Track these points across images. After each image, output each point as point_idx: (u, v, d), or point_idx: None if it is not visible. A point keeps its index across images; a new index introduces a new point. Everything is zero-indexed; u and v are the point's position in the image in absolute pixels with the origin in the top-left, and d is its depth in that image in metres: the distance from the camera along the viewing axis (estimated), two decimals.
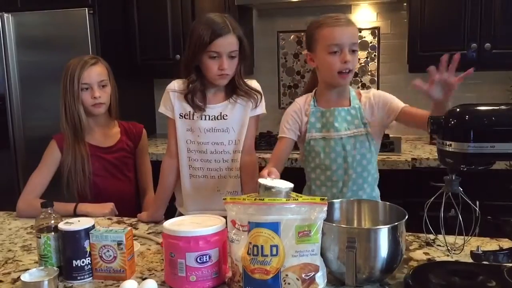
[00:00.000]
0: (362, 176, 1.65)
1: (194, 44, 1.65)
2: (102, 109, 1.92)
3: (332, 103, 1.66)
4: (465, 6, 2.70)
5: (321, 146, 1.65)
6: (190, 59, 1.68)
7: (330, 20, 1.60)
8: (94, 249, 1.26)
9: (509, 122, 1.04)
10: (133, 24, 3.19)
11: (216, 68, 1.65)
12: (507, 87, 2.90)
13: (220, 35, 1.62)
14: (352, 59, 1.58)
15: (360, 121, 1.63)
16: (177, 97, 1.74)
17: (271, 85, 3.38)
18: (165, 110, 1.77)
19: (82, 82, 1.85)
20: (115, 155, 1.98)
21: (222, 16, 1.69)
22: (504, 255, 1.07)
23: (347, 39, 1.57)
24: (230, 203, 1.19)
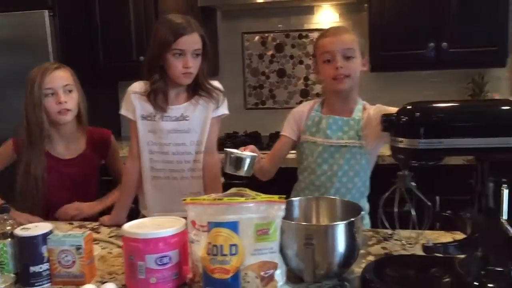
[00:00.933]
0: (346, 187, 1.66)
1: (158, 44, 1.66)
2: (69, 117, 1.81)
3: (335, 111, 1.71)
4: (423, 7, 2.78)
5: (310, 150, 1.69)
6: (154, 59, 1.68)
7: (326, 31, 1.70)
8: (52, 254, 1.24)
9: (457, 118, 1.08)
10: (96, 27, 3.15)
11: (180, 66, 1.66)
12: (464, 84, 2.99)
13: (184, 34, 1.64)
14: (346, 65, 1.61)
15: (356, 133, 1.66)
16: (139, 98, 1.73)
17: (236, 86, 3.39)
18: (126, 112, 1.76)
19: (45, 87, 1.76)
20: (75, 169, 1.90)
21: (184, 16, 1.71)
22: (454, 247, 1.11)
23: (338, 46, 1.62)
24: (190, 204, 1.19)
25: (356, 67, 1.65)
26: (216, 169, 1.78)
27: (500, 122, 1.07)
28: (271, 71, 3.34)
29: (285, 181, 1.77)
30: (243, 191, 1.27)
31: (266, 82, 3.37)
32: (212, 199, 1.18)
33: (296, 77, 3.32)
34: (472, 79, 2.98)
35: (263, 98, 3.39)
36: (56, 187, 1.86)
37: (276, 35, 3.30)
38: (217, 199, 1.17)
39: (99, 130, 2.00)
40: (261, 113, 3.38)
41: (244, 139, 3.05)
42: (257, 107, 3.39)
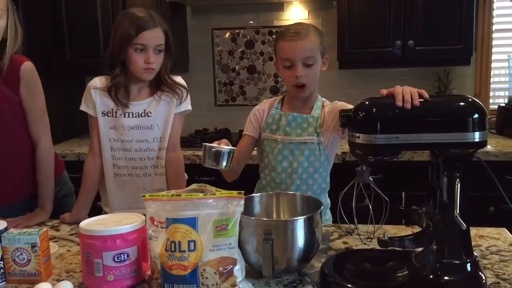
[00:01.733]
0: (307, 183, 1.67)
1: (120, 37, 1.63)
2: None
3: (295, 109, 1.70)
4: (389, 5, 2.81)
5: (270, 147, 1.69)
6: (115, 53, 1.65)
7: (286, 33, 1.61)
8: (6, 252, 1.21)
9: (412, 114, 1.09)
10: (62, 21, 3.08)
11: (141, 62, 1.63)
12: (430, 82, 3.04)
13: (146, 28, 1.62)
14: (306, 73, 1.59)
15: (314, 130, 1.65)
16: (99, 93, 1.71)
17: (207, 82, 3.37)
18: (87, 108, 1.73)
19: None
20: None
21: (147, 10, 1.69)
22: (409, 240, 1.12)
23: (298, 54, 1.58)
24: (149, 200, 1.18)
25: (316, 73, 1.63)
26: (180, 165, 1.77)
27: (455, 118, 1.09)
28: (241, 67, 3.34)
29: (249, 178, 1.78)
30: (203, 187, 1.26)
31: (236, 79, 3.36)
32: (170, 195, 1.16)
33: (267, 74, 3.32)
34: (438, 77, 3.03)
35: (234, 95, 3.38)
36: None
37: (246, 32, 3.29)
38: (175, 195, 1.16)
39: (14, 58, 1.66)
40: (231, 109, 3.37)
41: (214, 136, 3.04)
42: (228, 104, 3.39)
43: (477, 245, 1.37)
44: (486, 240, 1.41)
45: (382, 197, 1.18)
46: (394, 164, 2.58)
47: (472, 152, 1.10)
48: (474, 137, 1.06)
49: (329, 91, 1.76)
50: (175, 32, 3.10)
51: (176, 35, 3.13)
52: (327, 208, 1.75)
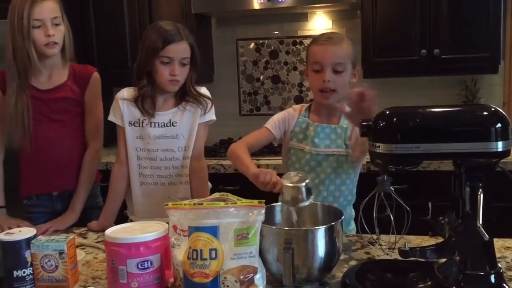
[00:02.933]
0: (334, 195, 1.66)
1: (147, 50, 1.67)
2: (56, 50, 1.77)
3: (322, 118, 1.69)
4: (414, 13, 2.80)
5: (297, 157, 1.69)
6: (142, 65, 1.70)
7: (320, 37, 1.64)
8: (35, 259, 1.25)
9: (432, 123, 1.09)
10: (91, 34, 3.18)
11: (167, 74, 1.67)
12: (457, 91, 3.00)
13: (172, 41, 1.66)
14: (334, 79, 1.58)
15: (343, 142, 1.64)
16: (127, 104, 1.75)
17: (231, 92, 3.41)
18: (115, 118, 1.78)
19: (33, 18, 1.70)
20: (54, 98, 1.83)
21: (174, 24, 1.73)
22: (430, 251, 1.11)
23: (328, 59, 1.58)
24: (172, 209, 1.21)
25: (345, 81, 1.62)
26: (204, 174, 1.79)
27: (477, 127, 1.08)
28: (265, 77, 3.36)
29: None
30: (225, 195, 1.28)
31: (260, 89, 3.38)
32: (192, 204, 1.19)
33: (291, 84, 3.33)
34: (465, 86, 2.99)
35: (258, 104, 3.40)
36: (38, 120, 1.82)
37: (270, 42, 3.32)
38: (197, 203, 1.18)
39: (84, 65, 1.93)
40: (255, 119, 3.38)
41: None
42: (252, 114, 3.41)
43: (503, 257, 1.34)
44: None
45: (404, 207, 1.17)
46: (420, 174, 2.55)
47: (495, 162, 1.09)
48: (497, 147, 1.05)
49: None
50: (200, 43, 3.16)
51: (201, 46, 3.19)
52: (351, 219, 1.74)
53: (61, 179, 1.90)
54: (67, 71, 1.87)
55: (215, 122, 1.85)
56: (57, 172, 1.89)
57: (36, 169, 1.89)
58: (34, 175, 1.91)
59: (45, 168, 1.88)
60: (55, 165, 1.88)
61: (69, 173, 1.90)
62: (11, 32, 1.73)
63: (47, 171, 1.88)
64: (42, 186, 1.91)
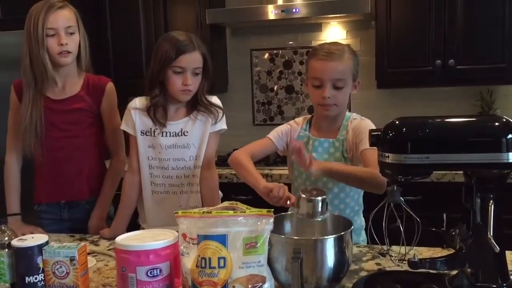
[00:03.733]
0: (339, 208, 1.65)
1: (160, 59, 1.69)
2: (69, 59, 1.79)
3: (322, 131, 1.70)
4: (429, 24, 2.78)
5: (299, 171, 1.69)
6: (155, 74, 1.71)
7: (320, 51, 1.60)
8: (47, 265, 1.27)
9: (442, 134, 1.08)
10: (107, 44, 3.23)
11: (180, 83, 1.69)
12: (473, 101, 2.97)
13: (185, 51, 1.67)
14: (334, 95, 1.57)
15: (342, 155, 1.64)
16: (139, 113, 1.77)
17: (245, 102, 3.42)
18: (127, 127, 1.80)
19: (47, 27, 1.73)
20: (67, 109, 1.85)
21: (187, 34, 1.74)
22: (440, 262, 1.10)
23: (328, 75, 1.56)
24: (182, 217, 1.21)
25: (345, 96, 1.61)
26: (214, 183, 1.80)
27: (487, 138, 1.07)
28: (279, 87, 3.37)
29: None
30: (234, 204, 1.29)
31: (274, 99, 3.39)
32: (202, 212, 1.19)
33: (304, 94, 3.33)
34: (480, 96, 2.96)
35: (271, 114, 3.41)
36: (50, 129, 1.85)
37: (284, 52, 3.33)
38: (206, 212, 1.19)
39: (98, 76, 1.94)
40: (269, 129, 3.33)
41: None
42: (266, 123, 3.42)
43: None
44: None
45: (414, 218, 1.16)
46: (434, 185, 2.53)
47: (507, 174, 1.08)
48: (509, 158, 1.04)
49: (367, 111, 1.74)
50: (215, 53, 3.21)
51: (216, 56, 3.25)
52: (362, 229, 1.73)
53: (69, 189, 1.92)
54: (81, 82, 1.90)
55: (228, 132, 1.86)
56: (66, 182, 1.91)
57: (47, 177, 1.92)
58: (44, 183, 1.94)
59: (54, 177, 1.91)
60: (64, 176, 1.90)
61: (77, 184, 1.92)
62: (27, 40, 1.76)
63: (56, 181, 1.91)
64: (51, 194, 1.93)
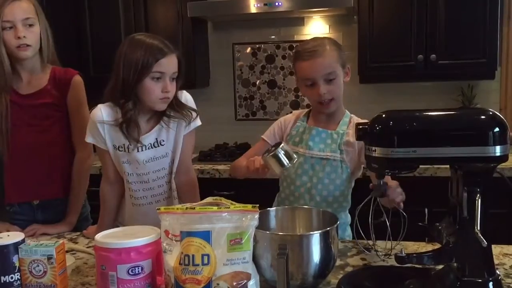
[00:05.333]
0: (326, 200, 1.64)
1: (135, 67, 1.50)
2: (29, 52, 1.71)
3: (321, 124, 1.68)
4: (411, 19, 2.79)
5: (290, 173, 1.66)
6: (130, 84, 1.52)
7: (303, 52, 1.59)
8: (23, 264, 1.22)
9: (429, 127, 1.07)
10: (86, 38, 3.16)
11: (159, 91, 1.53)
12: (454, 96, 2.99)
13: (164, 55, 1.53)
14: (329, 89, 1.58)
15: (337, 147, 1.63)
16: (107, 128, 1.59)
17: (227, 96, 3.39)
18: (95, 141, 1.63)
19: (3, 19, 1.65)
20: (34, 104, 1.77)
21: (156, 36, 1.59)
22: (427, 257, 1.09)
23: (318, 72, 1.56)
24: (164, 213, 1.18)
25: (340, 87, 1.61)
26: (195, 191, 1.72)
27: (475, 131, 1.06)
28: (262, 82, 3.35)
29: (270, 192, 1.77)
30: (218, 200, 1.26)
31: (256, 93, 3.37)
32: (185, 208, 1.16)
33: (287, 88, 3.32)
34: (461, 91, 2.98)
35: (254, 109, 3.38)
36: (19, 123, 1.77)
37: (267, 46, 3.31)
38: (189, 208, 1.16)
39: (65, 69, 1.85)
40: (251, 124, 3.37)
41: (234, 150, 3.04)
42: (248, 118, 3.39)
43: (501, 264, 1.32)
44: (511, 258, 1.36)
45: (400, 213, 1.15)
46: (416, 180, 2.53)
47: (493, 167, 1.07)
48: (495, 151, 1.03)
49: (350, 106, 1.73)
50: (196, 47, 3.16)
51: (197, 50, 3.20)
52: (347, 225, 1.72)
53: (42, 187, 1.85)
54: (47, 75, 1.82)
55: (210, 127, 1.82)
56: (38, 181, 1.84)
57: (16, 176, 1.84)
58: (14, 182, 1.85)
59: (25, 176, 1.83)
60: (35, 173, 1.83)
61: (50, 182, 1.85)
62: None
63: (27, 179, 1.84)
64: (22, 194, 1.86)
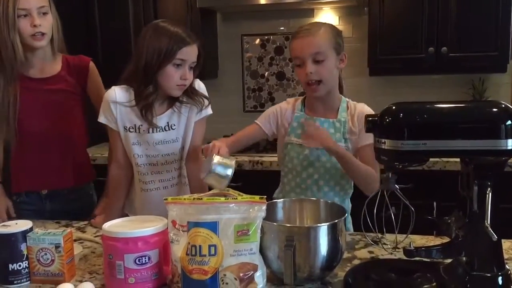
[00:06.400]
0: (334, 190, 1.64)
1: (158, 53, 1.53)
2: (44, 41, 1.71)
3: (319, 112, 1.66)
4: (422, 11, 2.75)
5: (296, 152, 1.65)
6: (152, 69, 1.55)
7: (299, 31, 1.60)
8: (31, 252, 1.23)
9: (440, 119, 1.05)
10: (95, 29, 3.15)
11: (177, 77, 1.56)
12: (465, 89, 2.96)
13: (188, 43, 1.56)
14: (317, 70, 1.55)
15: (342, 136, 1.62)
16: (120, 108, 1.62)
17: (236, 88, 3.38)
18: (107, 121, 1.63)
19: (18, 7, 1.63)
20: (48, 89, 1.77)
21: (179, 25, 1.61)
22: (436, 251, 1.08)
23: (307, 51, 1.55)
24: (171, 203, 1.18)
25: (329, 70, 1.58)
26: None
27: (486, 124, 1.04)
28: (270, 73, 3.33)
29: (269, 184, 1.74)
30: (226, 191, 1.26)
31: (265, 85, 3.35)
32: (192, 198, 1.16)
33: (295, 80, 3.29)
34: (472, 84, 2.95)
35: (262, 101, 3.37)
36: (30, 111, 1.77)
37: (275, 38, 3.28)
38: (197, 198, 1.15)
39: (77, 56, 1.88)
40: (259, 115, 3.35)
41: None
42: (256, 110, 3.37)
43: (510, 258, 1.30)
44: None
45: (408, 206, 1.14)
46: (425, 174, 2.52)
47: (505, 161, 1.05)
48: (507, 145, 1.02)
49: (360, 98, 1.71)
50: (205, 38, 3.14)
51: (206, 41, 3.18)
52: (348, 213, 1.70)
53: (53, 177, 1.85)
54: (60, 62, 1.82)
55: (218, 118, 1.81)
56: (49, 170, 1.84)
57: (25, 165, 1.83)
58: (23, 171, 1.85)
59: (35, 164, 1.83)
60: (45, 163, 1.82)
61: (62, 171, 1.85)
62: None
63: (38, 168, 1.83)
64: (31, 183, 1.85)
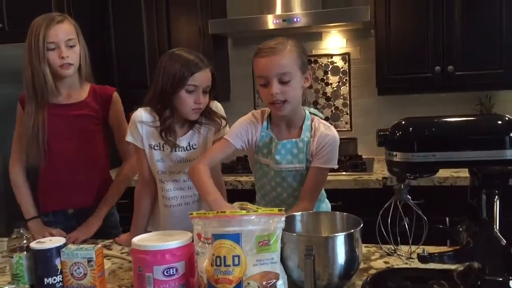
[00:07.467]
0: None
1: (172, 80, 1.64)
2: (71, 70, 1.83)
3: (282, 130, 1.66)
4: (428, 31, 2.84)
5: (264, 171, 1.69)
6: (167, 94, 1.66)
7: (263, 49, 1.56)
8: (65, 266, 1.30)
9: (448, 132, 1.13)
10: (111, 54, 3.28)
11: (192, 102, 1.66)
12: (472, 106, 3.02)
13: (199, 69, 1.65)
14: (282, 90, 1.52)
15: (305, 156, 1.62)
16: (145, 127, 1.73)
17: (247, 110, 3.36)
18: (134, 140, 1.75)
19: (48, 41, 1.77)
20: (74, 115, 1.89)
21: (192, 51, 1.72)
22: (448, 256, 1.14)
23: (272, 71, 1.51)
24: (196, 218, 1.25)
25: (294, 90, 1.54)
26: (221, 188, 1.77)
27: (491, 135, 1.11)
28: None
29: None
30: (245, 205, 1.33)
31: None
32: (215, 212, 1.23)
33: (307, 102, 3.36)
34: (479, 101, 3.01)
35: None
36: (58, 134, 1.88)
37: None
38: (220, 212, 1.23)
39: (103, 86, 2.00)
40: None
41: None
42: None
43: None
44: None
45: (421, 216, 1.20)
46: (436, 189, 2.57)
47: (511, 170, 1.12)
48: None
49: (369, 118, 1.79)
50: (217, 63, 3.26)
51: (218, 65, 3.30)
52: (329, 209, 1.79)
53: (77, 197, 1.95)
54: (87, 90, 1.94)
55: None
56: (73, 190, 1.94)
57: (53, 186, 1.94)
58: (50, 192, 1.95)
59: (61, 185, 1.93)
60: (71, 183, 1.93)
61: (85, 191, 1.95)
62: (28, 53, 1.79)
63: (63, 188, 1.93)
64: (58, 203, 1.96)
